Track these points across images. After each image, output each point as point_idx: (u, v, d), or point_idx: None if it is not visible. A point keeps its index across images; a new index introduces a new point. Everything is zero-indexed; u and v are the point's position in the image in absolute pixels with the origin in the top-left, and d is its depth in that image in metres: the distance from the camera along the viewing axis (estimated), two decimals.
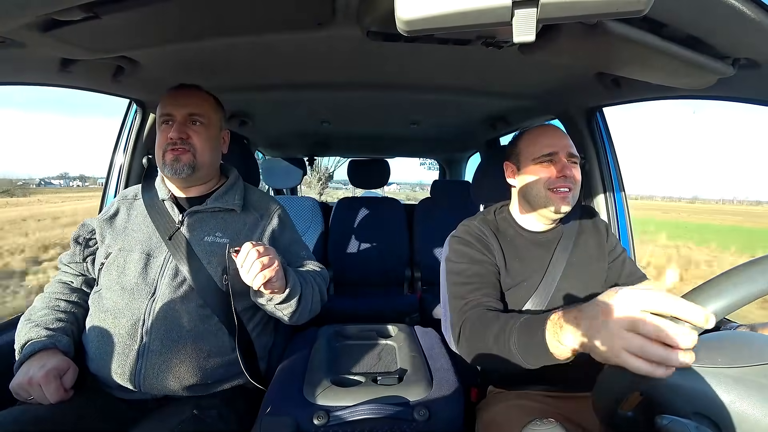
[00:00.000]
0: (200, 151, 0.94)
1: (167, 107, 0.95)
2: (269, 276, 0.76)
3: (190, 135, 0.93)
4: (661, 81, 0.83)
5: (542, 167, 0.90)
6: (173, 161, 0.92)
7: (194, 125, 0.95)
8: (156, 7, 0.68)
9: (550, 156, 0.89)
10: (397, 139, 2.53)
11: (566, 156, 0.89)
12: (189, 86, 0.99)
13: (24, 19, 0.63)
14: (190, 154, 0.93)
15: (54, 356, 0.81)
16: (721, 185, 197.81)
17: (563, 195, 0.88)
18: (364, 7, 0.73)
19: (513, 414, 0.80)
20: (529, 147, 0.93)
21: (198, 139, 0.94)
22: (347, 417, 0.82)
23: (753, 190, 57.58)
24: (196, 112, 0.95)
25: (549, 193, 0.88)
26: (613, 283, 0.98)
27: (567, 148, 0.90)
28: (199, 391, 0.89)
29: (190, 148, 0.93)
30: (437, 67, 1.16)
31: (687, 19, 0.63)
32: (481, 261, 0.91)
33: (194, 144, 0.94)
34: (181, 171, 0.92)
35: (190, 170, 0.93)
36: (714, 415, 0.44)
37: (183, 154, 0.92)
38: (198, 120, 0.95)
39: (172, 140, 0.92)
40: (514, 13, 0.43)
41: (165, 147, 0.93)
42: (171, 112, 0.94)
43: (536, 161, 0.91)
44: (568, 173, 0.88)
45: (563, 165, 0.88)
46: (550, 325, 0.60)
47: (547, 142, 0.91)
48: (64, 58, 0.87)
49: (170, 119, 0.94)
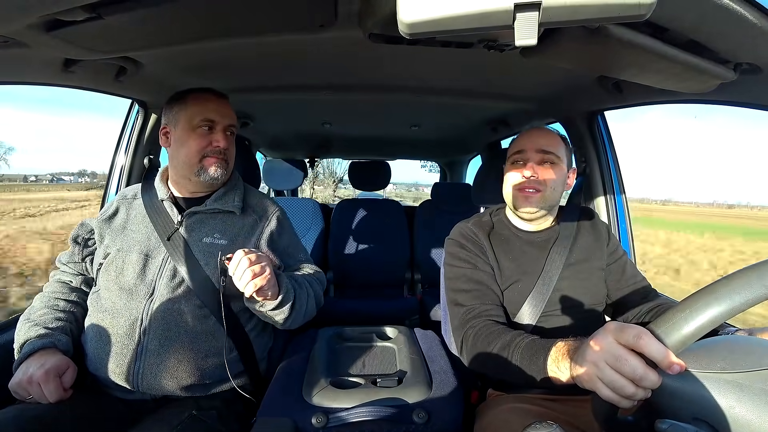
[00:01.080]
0: (231, 162, 0.99)
1: (211, 113, 0.94)
2: (260, 284, 0.77)
3: (228, 147, 0.97)
4: (663, 85, 0.83)
5: (514, 168, 0.92)
6: (216, 169, 0.94)
7: (230, 136, 0.98)
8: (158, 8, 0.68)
9: (519, 155, 0.92)
10: (397, 141, 2.54)
11: (536, 151, 0.90)
12: (223, 95, 1.00)
13: (27, 19, 0.63)
14: (228, 164, 0.97)
15: (53, 355, 0.81)
16: (698, 188, 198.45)
17: (526, 194, 0.90)
18: (366, 9, 0.73)
19: (512, 417, 0.80)
20: (509, 149, 0.96)
21: (232, 151, 0.99)
22: (346, 419, 0.82)
23: (729, 194, 58.22)
24: (233, 123, 0.98)
25: (516, 192, 0.91)
26: (614, 284, 0.98)
27: (537, 145, 0.91)
28: (197, 391, 0.88)
29: (227, 158, 0.97)
30: (438, 70, 1.16)
31: (688, 23, 0.63)
32: (476, 264, 0.92)
33: (230, 155, 0.98)
34: (217, 180, 0.96)
35: (225, 179, 0.98)
36: (713, 420, 0.44)
37: (224, 163, 0.96)
38: (233, 131, 0.99)
39: (219, 148, 0.94)
40: (516, 16, 0.43)
41: (206, 152, 0.94)
42: (215, 119, 0.95)
43: (510, 161, 0.94)
44: (533, 175, 0.89)
45: (530, 165, 0.90)
46: (554, 352, 0.63)
47: (519, 141, 0.94)
48: (66, 59, 0.87)
49: (212, 125, 0.95)
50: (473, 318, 0.84)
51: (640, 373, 0.46)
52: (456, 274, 0.92)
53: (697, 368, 0.47)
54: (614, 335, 0.50)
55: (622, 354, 0.48)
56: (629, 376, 0.47)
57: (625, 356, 0.47)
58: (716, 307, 0.43)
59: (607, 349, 0.50)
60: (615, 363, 0.48)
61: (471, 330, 0.82)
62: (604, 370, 0.49)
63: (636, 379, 0.47)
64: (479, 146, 2.57)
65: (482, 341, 0.79)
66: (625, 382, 0.47)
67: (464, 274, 0.91)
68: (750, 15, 0.58)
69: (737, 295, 0.43)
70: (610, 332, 0.51)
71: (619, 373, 0.48)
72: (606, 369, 0.49)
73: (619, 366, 0.48)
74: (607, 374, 0.49)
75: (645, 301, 0.94)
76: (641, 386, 0.47)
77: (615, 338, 0.50)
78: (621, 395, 0.48)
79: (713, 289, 0.44)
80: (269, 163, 2.27)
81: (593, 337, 0.53)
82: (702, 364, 0.47)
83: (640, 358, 0.47)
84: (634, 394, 0.47)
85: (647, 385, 0.47)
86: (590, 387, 0.52)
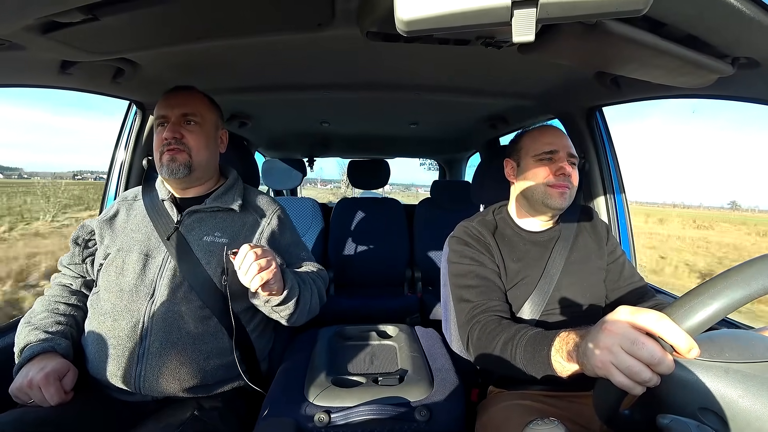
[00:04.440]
0: (195, 150, 0.95)
1: (161, 109, 0.95)
2: (266, 278, 0.76)
3: (185, 135, 0.94)
4: (661, 80, 0.83)
5: (542, 164, 0.91)
6: (169, 161, 0.92)
7: (188, 125, 0.95)
8: (155, 9, 0.68)
9: (551, 154, 0.91)
10: (396, 139, 2.53)
11: (566, 156, 0.91)
12: (183, 88, 1.00)
13: (24, 21, 0.63)
14: (185, 154, 0.93)
15: (53, 359, 0.81)
16: (667, 190, 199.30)
17: (561, 190, 0.89)
18: (363, 7, 0.73)
19: (513, 414, 0.80)
20: (531, 144, 0.94)
21: (192, 138, 0.94)
22: (348, 418, 0.82)
23: (699, 196, 59.14)
24: (189, 111, 0.95)
25: (548, 188, 0.90)
26: (612, 284, 0.98)
27: (567, 149, 0.92)
28: (199, 392, 0.88)
29: (185, 148, 0.93)
30: (436, 68, 1.16)
31: (686, 18, 0.63)
32: (483, 262, 0.92)
33: (189, 143, 0.94)
34: (177, 171, 0.92)
35: (186, 170, 0.93)
36: (721, 409, 0.44)
37: (178, 154, 0.92)
38: (192, 120, 0.96)
39: (167, 140, 0.92)
40: (513, 13, 0.43)
41: (161, 148, 0.93)
42: (165, 114, 0.95)
43: (537, 158, 0.92)
44: (567, 171, 0.89)
45: (563, 163, 0.89)
46: (558, 342, 0.62)
47: (549, 140, 0.92)
48: (63, 60, 0.87)
49: (165, 121, 0.95)
50: (479, 314, 0.84)
51: (658, 356, 0.45)
52: (462, 271, 0.92)
53: (705, 357, 0.46)
54: (629, 318, 0.49)
55: (638, 338, 0.47)
56: (647, 360, 0.46)
57: (643, 340, 0.46)
58: (732, 293, 0.43)
59: (623, 333, 0.48)
60: (631, 347, 0.47)
61: (477, 325, 0.83)
62: (618, 355, 0.48)
63: (654, 364, 0.45)
64: (478, 143, 2.56)
65: (487, 336, 0.79)
66: (642, 367, 0.46)
67: (471, 271, 0.91)
68: (747, 9, 0.58)
69: (754, 281, 0.43)
70: (625, 316, 0.50)
71: (635, 358, 0.46)
72: (621, 354, 0.47)
73: (635, 350, 0.46)
74: (623, 359, 0.47)
75: (642, 301, 0.94)
76: (657, 371, 0.46)
77: (630, 321, 0.49)
78: (636, 381, 0.47)
79: (729, 275, 0.44)
80: (268, 163, 2.27)
81: (604, 322, 0.52)
82: (710, 353, 0.47)
83: (656, 342, 0.46)
84: (649, 380, 0.46)
85: (663, 371, 0.46)
86: (603, 373, 0.50)
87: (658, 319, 0.46)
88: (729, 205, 53.23)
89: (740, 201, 48.92)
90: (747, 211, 50.60)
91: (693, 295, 0.46)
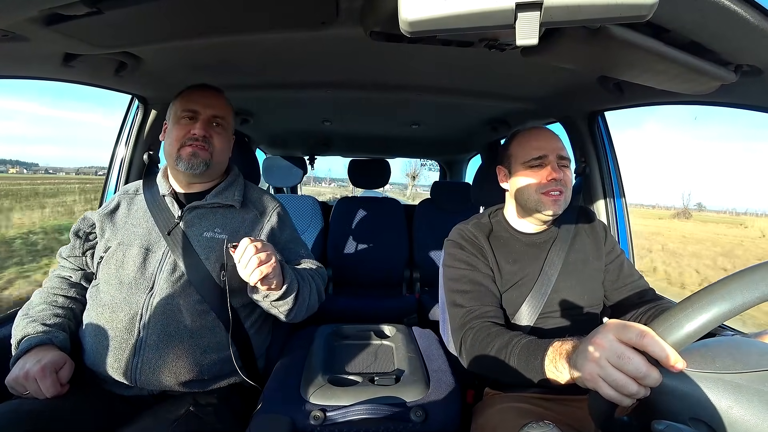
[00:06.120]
0: (218, 151, 0.98)
1: (193, 104, 0.96)
2: (266, 272, 0.76)
3: (213, 135, 0.96)
4: (664, 86, 0.83)
5: (533, 171, 0.90)
6: (191, 156, 0.94)
7: (216, 126, 0.98)
8: (159, 3, 0.68)
9: (540, 159, 0.90)
10: (397, 139, 2.53)
11: (556, 158, 0.90)
12: (212, 87, 1.01)
13: (28, 12, 0.63)
14: (208, 153, 0.96)
15: (50, 351, 0.81)
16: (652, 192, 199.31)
17: (555, 198, 0.88)
18: (367, 7, 0.73)
19: (509, 416, 0.80)
20: (519, 151, 0.94)
21: (218, 141, 0.98)
22: (344, 416, 0.82)
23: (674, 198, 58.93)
24: (220, 114, 0.98)
25: (541, 196, 0.89)
26: (612, 284, 0.98)
27: (557, 150, 0.91)
28: (195, 387, 0.89)
29: (209, 147, 0.96)
30: (439, 69, 1.16)
31: (690, 24, 0.63)
32: (476, 266, 0.92)
33: (214, 144, 0.97)
34: (197, 167, 0.94)
35: (204, 167, 0.95)
36: (710, 420, 0.44)
37: (202, 151, 0.94)
38: (220, 122, 0.99)
39: (195, 136, 0.94)
40: (517, 16, 0.43)
41: (184, 141, 0.94)
42: (197, 110, 0.96)
43: (526, 165, 0.91)
44: (558, 176, 0.88)
45: (554, 168, 0.89)
46: (551, 352, 0.63)
47: (537, 144, 0.91)
48: (67, 53, 0.87)
49: (195, 116, 0.96)
50: (473, 319, 0.84)
51: (644, 371, 0.46)
52: (456, 276, 0.92)
53: (695, 368, 0.47)
54: (615, 333, 0.50)
55: (624, 352, 0.48)
56: (632, 374, 0.47)
57: (628, 354, 0.47)
58: (718, 306, 0.43)
59: (609, 347, 0.49)
60: (617, 361, 0.48)
61: (470, 331, 0.82)
62: (606, 368, 0.49)
63: (639, 377, 0.46)
64: (479, 145, 2.56)
65: (480, 343, 0.79)
66: (628, 380, 0.47)
67: (464, 276, 0.91)
68: (751, 17, 0.58)
69: (739, 295, 0.43)
70: (611, 330, 0.50)
71: (621, 372, 0.48)
72: (608, 367, 0.49)
73: (621, 364, 0.47)
74: (610, 372, 0.48)
75: (642, 301, 0.94)
76: (643, 384, 0.47)
77: (616, 336, 0.49)
78: (623, 393, 0.48)
79: (715, 289, 0.44)
80: (269, 161, 2.27)
81: (593, 335, 0.53)
82: (700, 364, 0.47)
83: (642, 356, 0.47)
84: (636, 393, 0.47)
85: (649, 383, 0.47)
86: (592, 386, 0.51)
87: (642, 335, 0.47)
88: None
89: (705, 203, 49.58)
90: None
91: (679, 309, 0.46)
